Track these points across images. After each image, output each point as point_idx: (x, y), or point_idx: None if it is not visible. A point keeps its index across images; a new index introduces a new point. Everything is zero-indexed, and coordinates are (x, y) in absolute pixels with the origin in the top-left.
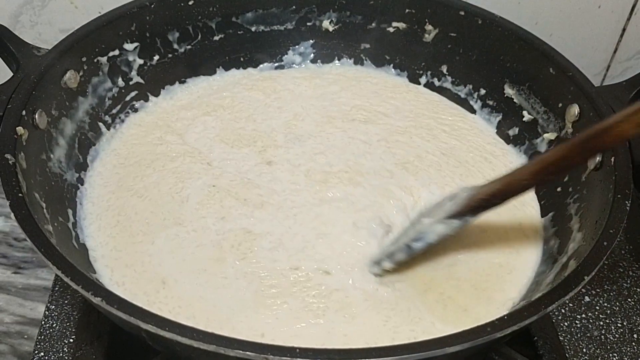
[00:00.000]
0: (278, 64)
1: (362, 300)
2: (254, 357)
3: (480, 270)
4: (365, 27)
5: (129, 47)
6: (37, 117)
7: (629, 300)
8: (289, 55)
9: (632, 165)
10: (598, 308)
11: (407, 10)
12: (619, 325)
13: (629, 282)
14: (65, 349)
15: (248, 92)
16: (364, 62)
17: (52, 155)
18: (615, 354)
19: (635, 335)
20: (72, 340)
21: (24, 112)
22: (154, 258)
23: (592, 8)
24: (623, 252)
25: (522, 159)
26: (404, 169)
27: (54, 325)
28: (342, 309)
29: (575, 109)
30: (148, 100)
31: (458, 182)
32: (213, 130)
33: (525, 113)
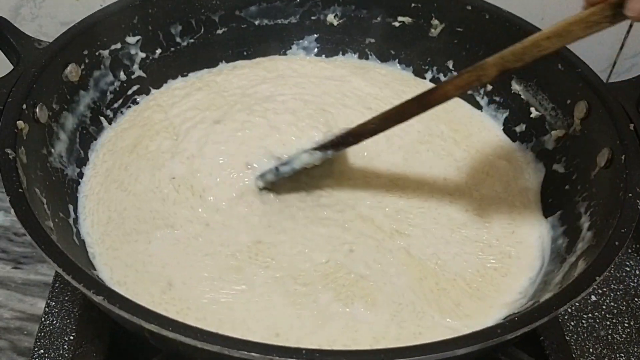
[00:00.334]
0: None
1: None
2: (260, 358)
3: (475, 271)
4: (371, 21)
5: (131, 40)
6: (37, 111)
7: (636, 300)
8: (293, 50)
9: None
10: (605, 308)
11: (413, 5)
12: (626, 325)
13: (636, 281)
14: (66, 347)
15: (250, 68)
16: (369, 56)
17: (53, 150)
18: (622, 354)
19: None
20: (72, 338)
21: (25, 105)
22: (155, 259)
23: None
24: (630, 251)
25: (528, 156)
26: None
27: (54, 322)
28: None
29: (584, 106)
30: (149, 94)
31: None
32: (196, 102)
33: (533, 109)
